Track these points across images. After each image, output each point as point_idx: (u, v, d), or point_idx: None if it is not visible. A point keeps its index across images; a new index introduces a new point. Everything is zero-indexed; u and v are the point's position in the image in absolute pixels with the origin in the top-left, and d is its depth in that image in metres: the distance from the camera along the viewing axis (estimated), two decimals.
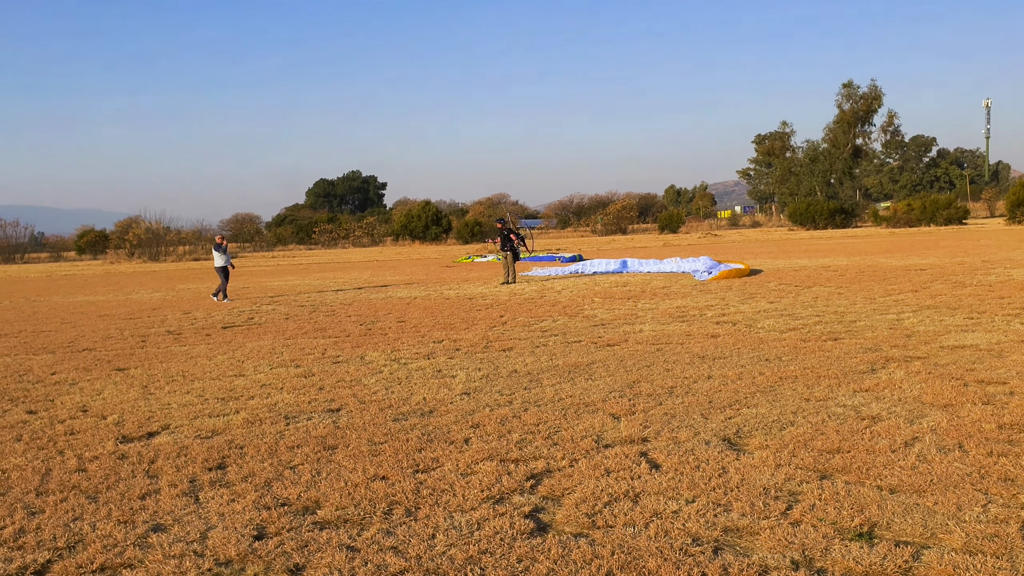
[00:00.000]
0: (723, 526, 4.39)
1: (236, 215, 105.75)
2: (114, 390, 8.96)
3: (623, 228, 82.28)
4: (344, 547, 4.32)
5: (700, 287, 18.44)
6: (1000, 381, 7.45)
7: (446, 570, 4.00)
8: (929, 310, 12.55)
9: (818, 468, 5.25)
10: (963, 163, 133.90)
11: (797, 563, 3.92)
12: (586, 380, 8.36)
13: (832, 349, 9.48)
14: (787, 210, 79.40)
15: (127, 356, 11.52)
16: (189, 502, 5.15)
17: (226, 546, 4.40)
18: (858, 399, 7.02)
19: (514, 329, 12.57)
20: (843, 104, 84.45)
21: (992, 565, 3.80)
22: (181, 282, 31.12)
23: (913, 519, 4.36)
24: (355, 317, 15.33)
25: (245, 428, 6.96)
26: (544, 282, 22.36)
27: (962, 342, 9.55)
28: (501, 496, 5.02)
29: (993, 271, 19.02)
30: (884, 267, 22.01)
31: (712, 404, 7.07)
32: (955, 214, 63.54)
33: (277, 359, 10.65)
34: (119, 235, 68.17)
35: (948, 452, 5.44)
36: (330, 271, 34.92)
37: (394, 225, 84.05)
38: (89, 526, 4.78)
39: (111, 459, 6.16)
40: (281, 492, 5.25)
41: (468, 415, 7.07)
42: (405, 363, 9.88)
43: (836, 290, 16.29)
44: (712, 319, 12.68)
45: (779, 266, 24.37)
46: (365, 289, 22.56)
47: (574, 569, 3.95)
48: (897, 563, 3.87)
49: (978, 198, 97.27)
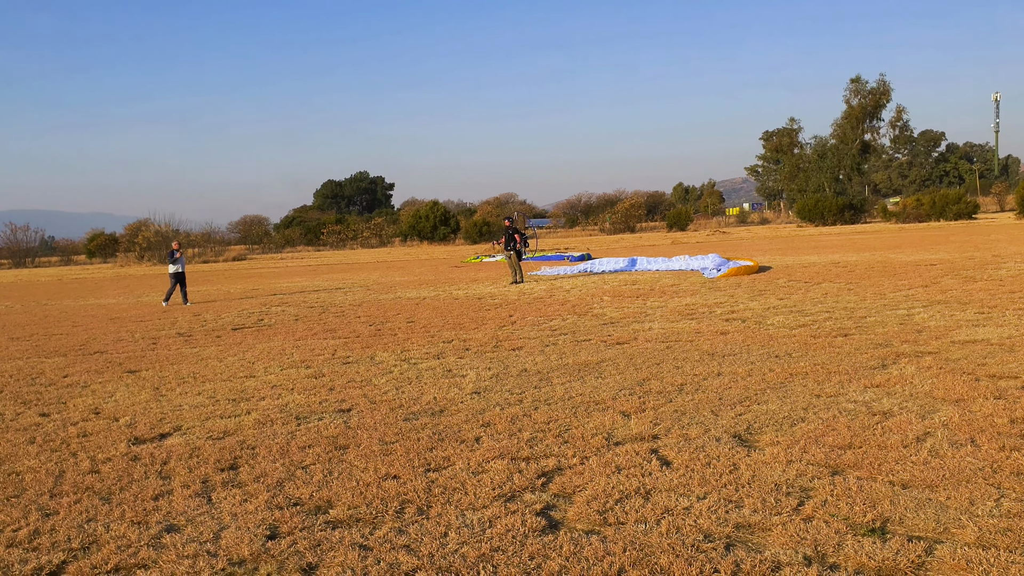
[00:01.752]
0: (735, 522, 4.39)
1: (245, 217, 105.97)
2: (126, 392, 9.01)
3: (631, 226, 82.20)
4: (357, 546, 4.33)
5: (709, 284, 18.41)
6: (1012, 376, 7.42)
7: (459, 568, 4.01)
8: (940, 305, 12.50)
9: (830, 464, 5.25)
10: (972, 158, 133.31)
11: (810, 559, 3.92)
12: (596, 378, 8.36)
13: (842, 345, 9.46)
14: (796, 207, 79.23)
15: (138, 358, 11.57)
16: (202, 503, 5.18)
17: (239, 546, 4.42)
18: (869, 395, 7.00)
19: (523, 328, 12.57)
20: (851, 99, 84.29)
21: (1005, 559, 3.79)
22: (191, 285, 31.22)
23: (926, 514, 4.35)
24: (365, 318, 15.36)
25: (256, 429, 6.98)
26: (553, 281, 22.35)
27: (973, 337, 9.51)
28: (512, 494, 5.02)
29: (1004, 266, 18.93)
30: (894, 263, 21.94)
31: (722, 401, 7.07)
32: (965, 209, 63.30)
33: (287, 360, 10.68)
34: (129, 238, 68.45)
35: (960, 447, 5.43)
36: (339, 272, 34.99)
37: (402, 226, 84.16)
38: (103, 527, 4.81)
39: (124, 460, 6.19)
40: (293, 492, 5.27)
41: (479, 414, 7.08)
42: (415, 363, 9.90)
43: (846, 286, 16.24)
44: (721, 316, 12.66)
45: (788, 263, 24.31)
46: (374, 290, 22.60)
47: (586, 566, 3.95)
48: (910, 558, 3.86)
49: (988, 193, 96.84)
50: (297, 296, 21.97)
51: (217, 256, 67.08)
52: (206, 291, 26.37)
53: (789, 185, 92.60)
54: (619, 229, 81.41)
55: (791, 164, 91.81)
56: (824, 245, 35.01)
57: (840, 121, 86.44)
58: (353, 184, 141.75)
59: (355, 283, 26.25)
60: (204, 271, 45.44)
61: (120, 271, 52.61)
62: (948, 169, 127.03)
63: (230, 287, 28.34)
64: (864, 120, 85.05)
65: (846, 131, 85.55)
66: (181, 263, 21.09)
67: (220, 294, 24.79)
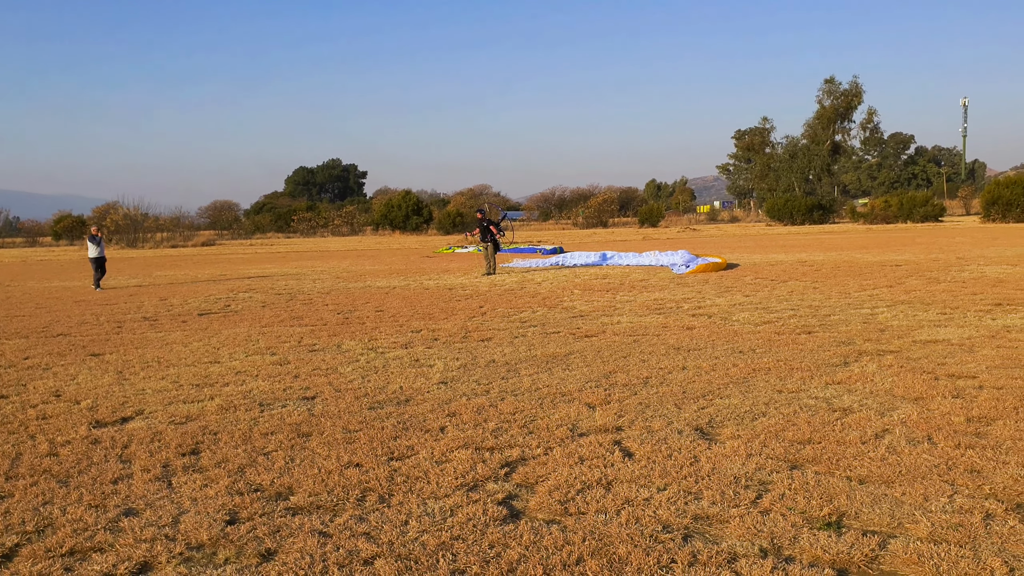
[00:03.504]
0: (694, 514, 4.43)
1: (215, 202, 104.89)
2: (88, 375, 8.90)
3: (604, 221, 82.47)
4: (316, 532, 4.32)
5: (678, 280, 18.53)
6: (970, 375, 7.55)
7: (418, 555, 4.01)
8: (903, 305, 12.68)
9: (789, 458, 5.31)
10: (940, 161, 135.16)
11: (766, 551, 3.97)
12: (563, 370, 8.39)
13: (806, 342, 9.57)
14: (765, 205, 79.92)
15: (102, 342, 11.43)
16: (162, 487, 5.13)
17: (198, 530, 4.39)
18: (830, 391, 7.09)
19: (493, 320, 12.58)
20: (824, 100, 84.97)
21: (956, 554, 3.86)
22: (159, 269, 30.89)
23: (881, 509, 4.42)
24: (333, 306, 15.29)
25: (219, 414, 6.93)
26: (525, 274, 22.38)
27: (934, 337, 9.66)
28: (475, 483, 5.03)
29: (967, 268, 19.24)
30: (860, 263, 22.20)
31: (686, 394, 7.12)
32: (931, 211, 64.18)
33: (253, 347, 10.60)
34: (97, 221, 67.54)
35: (917, 444, 5.52)
36: (308, 260, 34.77)
37: (374, 215, 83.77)
38: (59, 510, 4.75)
39: (84, 444, 6.12)
40: (254, 478, 5.24)
41: (444, 404, 7.08)
42: (382, 352, 9.87)
43: (811, 285, 16.41)
44: (688, 312, 12.75)
45: (756, 261, 24.52)
46: (343, 278, 22.49)
47: (546, 555, 3.97)
48: (864, 552, 3.92)
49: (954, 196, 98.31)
50: (265, 283, 21.81)
51: (186, 241, 66.38)
52: (173, 275, 26.09)
53: (760, 184, 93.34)
54: (592, 224, 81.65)
55: (762, 163, 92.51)
56: (792, 244, 35.35)
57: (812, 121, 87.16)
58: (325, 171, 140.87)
59: (325, 271, 26.11)
60: (172, 256, 44.96)
61: (87, 254, 51.87)
62: (916, 172, 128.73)
63: (198, 272, 28.06)
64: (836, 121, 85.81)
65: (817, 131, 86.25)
66: (101, 247, 21.33)
67: (187, 279, 24.55)
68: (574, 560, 3.91)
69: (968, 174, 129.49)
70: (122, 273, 28.39)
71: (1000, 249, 26.10)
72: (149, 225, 68.38)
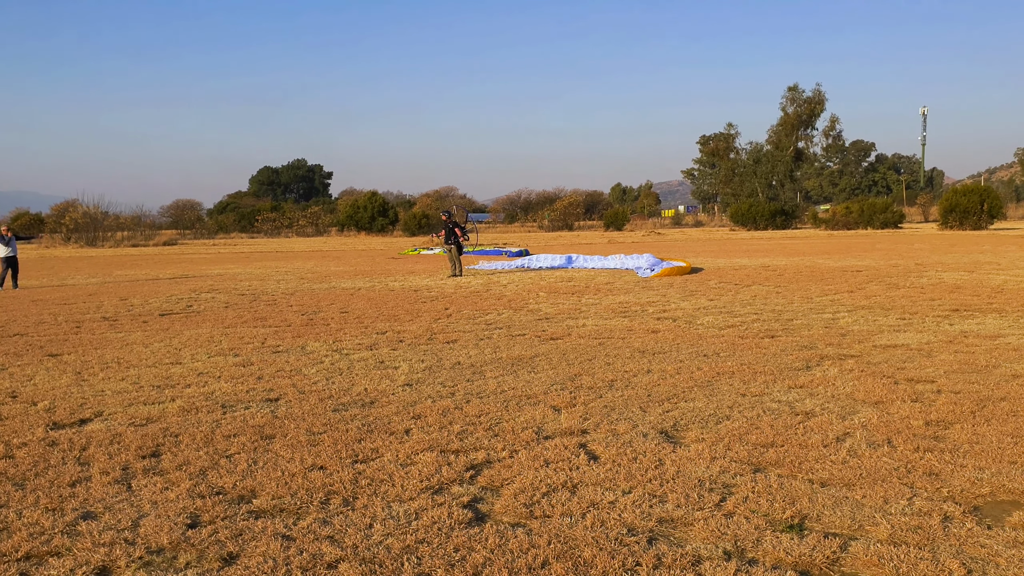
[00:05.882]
0: (658, 517, 4.45)
1: (177, 201, 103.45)
2: (46, 376, 8.73)
3: (569, 224, 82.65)
4: (279, 536, 4.28)
5: (642, 284, 18.63)
6: (929, 380, 7.67)
7: (382, 559, 3.99)
8: (864, 310, 12.86)
9: (752, 461, 5.36)
10: (900, 169, 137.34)
11: (729, 553, 4.00)
12: (529, 373, 8.40)
13: (769, 346, 9.67)
14: (729, 210, 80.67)
15: (60, 342, 11.23)
16: (121, 490, 5.05)
17: (158, 534, 4.32)
18: (792, 395, 7.17)
19: (459, 322, 12.56)
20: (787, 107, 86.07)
21: (915, 555, 3.92)
22: (119, 268, 30.43)
23: (842, 511, 4.47)
24: (297, 307, 15.16)
25: (181, 416, 6.84)
26: (490, 276, 22.37)
27: (894, 341, 9.81)
28: (440, 486, 5.02)
29: (925, 274, 19.58)
30: (822, 268, 22.50)
31: (651, 397, 7.16)
32: (891, 218, 65.24)
33: (215, 347, 10.48)
34: (55, 219, 66.42)
35: (877, 447, 5.60)
36: (273, 260, 34.46)
37: (340, 215, 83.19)
38: (15, 514, 4.65)
39: (40, 446, 6.01)
40: (216, 481, 5.17)
41: (410, 406, 7.05)
42: (347, 354, 9.81)
43: (774, 289, 16.60)
44: (653, 315, 12.82)
45: (720, 265, 24.74)
46: (308, 279, 22.31)
47: (511, 558, 3.97)
48: (825, 554, 3.97)
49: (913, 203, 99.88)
50: (228, 283, 21.57)
51: (147, 240, 65.40)
52: (134, 275, 25.71)
53: (724, 189, 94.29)
54: (557, 227, 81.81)
55: (727, 168, 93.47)
56: (755, 249, 35.72)
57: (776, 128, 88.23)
58: (290, 171, 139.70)
59: (289, 272, 25.89)
60: (133, 255, 44.33)
61: (45, 252, 50.97)
62: (877, 179, 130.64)
63: (159, 272, 27.68)
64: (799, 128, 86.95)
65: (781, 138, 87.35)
66: (13, 247, 21.24)
67: (148, 278, 24.20)
68: (539, 563, 3.91)
69: (927, 182, 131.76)
70: (81, 272, 27.93)
71: (957, 256, 26.61)
72: (109, 224, 67.23)
